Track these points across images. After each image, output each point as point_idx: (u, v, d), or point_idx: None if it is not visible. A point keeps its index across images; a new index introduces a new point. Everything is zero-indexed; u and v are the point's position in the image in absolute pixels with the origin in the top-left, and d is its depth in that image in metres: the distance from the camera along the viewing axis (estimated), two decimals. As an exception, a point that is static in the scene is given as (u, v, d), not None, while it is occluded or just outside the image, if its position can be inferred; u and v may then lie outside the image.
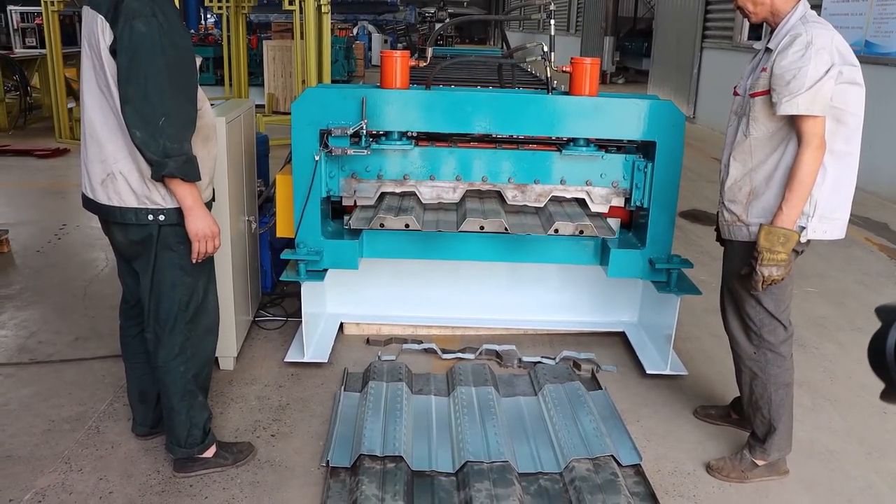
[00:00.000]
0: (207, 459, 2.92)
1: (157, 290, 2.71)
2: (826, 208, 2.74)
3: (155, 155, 2.44)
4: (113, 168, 2.54)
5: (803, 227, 2.73)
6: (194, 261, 2.69)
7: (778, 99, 2.63)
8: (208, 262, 2.83)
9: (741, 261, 2.86)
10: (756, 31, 11.39)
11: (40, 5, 9.77)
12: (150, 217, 2.59)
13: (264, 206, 4.40)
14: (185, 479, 2.88)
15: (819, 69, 2.57)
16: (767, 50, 2.79)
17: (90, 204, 2.68)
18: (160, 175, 2.48)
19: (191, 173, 2.53)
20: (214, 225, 2.67)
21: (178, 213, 2.61)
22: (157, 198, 2.58)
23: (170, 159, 2.45)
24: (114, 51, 2.44)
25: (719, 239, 3.13)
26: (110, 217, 2.63)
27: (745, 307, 2.92)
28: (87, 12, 2.51)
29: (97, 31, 2.46)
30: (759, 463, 3.00)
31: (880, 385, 1.32)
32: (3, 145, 9.54)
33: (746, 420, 3.10)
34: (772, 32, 2.83)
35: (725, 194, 2.92)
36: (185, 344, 2.78)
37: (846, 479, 3.03)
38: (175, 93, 2.48)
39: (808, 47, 2.58)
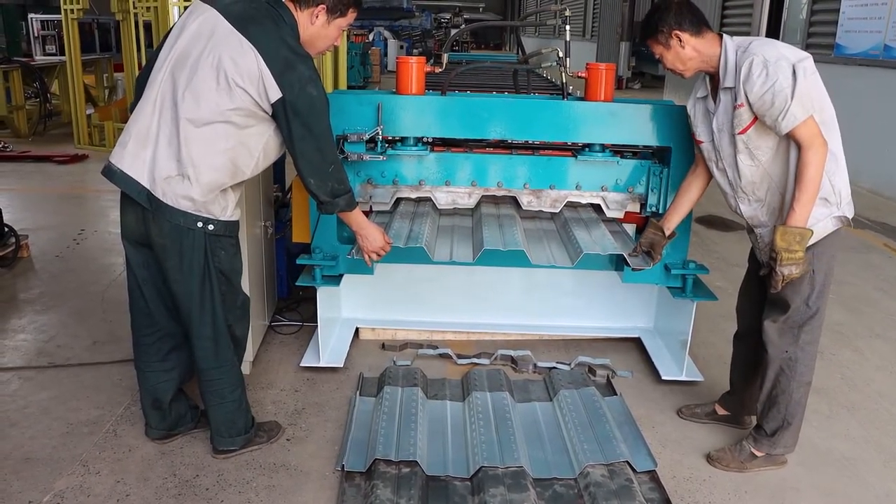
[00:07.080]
0: (249, 438, 3.08)
1: (198, 296, 2.78)
2: (844, 192, 2.79)
3: (326, 196, 2.84)
4: (187, 171, 2.59)
5: (838, 217, 2.78)
6: (368, 265, 3.28)
7: (774, 122, 2.66)
8: (241, 266, 2.96)
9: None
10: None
11: (60, 13, 9.86)
12: (199, 224, 2.67)
13: (280, 211, 4.42)
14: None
15: (787, 75, 2.61)
16: (726, 90, 2.80)
17: (131, 185, 2.63)
18: (332, 212, 2.95)
19: (354, 204, 2.99)
20: (382, 237, 3.17)
21: (227, 225, 2.75)
22: (216, 210, 2.69)
23: (339, 199, 2.87)
24: (275, 104, 2.59)
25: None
26: (156, 209, 2.62)
27: (790, 307, 2.87)
28: (238, 39, 2.55)
29: (255, 71, 2.54)
30: (758, 454, 3.03)
31: None
32: (22, 151, 9.65)
33: (758, 414, 3.08)
34: (711, 79, 2.89)
35: (758, 222, 2.93)
36: (231, 339, 2.93)
37: (864, 487, 3.01)
38: (333, 140, 2.82)
39: (765, 65, 2.63)
